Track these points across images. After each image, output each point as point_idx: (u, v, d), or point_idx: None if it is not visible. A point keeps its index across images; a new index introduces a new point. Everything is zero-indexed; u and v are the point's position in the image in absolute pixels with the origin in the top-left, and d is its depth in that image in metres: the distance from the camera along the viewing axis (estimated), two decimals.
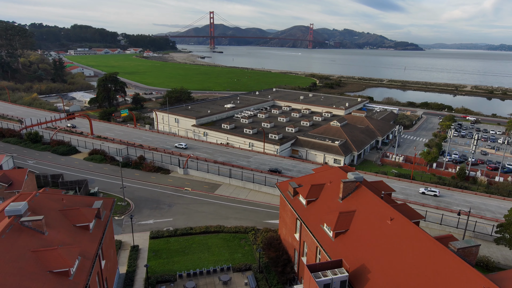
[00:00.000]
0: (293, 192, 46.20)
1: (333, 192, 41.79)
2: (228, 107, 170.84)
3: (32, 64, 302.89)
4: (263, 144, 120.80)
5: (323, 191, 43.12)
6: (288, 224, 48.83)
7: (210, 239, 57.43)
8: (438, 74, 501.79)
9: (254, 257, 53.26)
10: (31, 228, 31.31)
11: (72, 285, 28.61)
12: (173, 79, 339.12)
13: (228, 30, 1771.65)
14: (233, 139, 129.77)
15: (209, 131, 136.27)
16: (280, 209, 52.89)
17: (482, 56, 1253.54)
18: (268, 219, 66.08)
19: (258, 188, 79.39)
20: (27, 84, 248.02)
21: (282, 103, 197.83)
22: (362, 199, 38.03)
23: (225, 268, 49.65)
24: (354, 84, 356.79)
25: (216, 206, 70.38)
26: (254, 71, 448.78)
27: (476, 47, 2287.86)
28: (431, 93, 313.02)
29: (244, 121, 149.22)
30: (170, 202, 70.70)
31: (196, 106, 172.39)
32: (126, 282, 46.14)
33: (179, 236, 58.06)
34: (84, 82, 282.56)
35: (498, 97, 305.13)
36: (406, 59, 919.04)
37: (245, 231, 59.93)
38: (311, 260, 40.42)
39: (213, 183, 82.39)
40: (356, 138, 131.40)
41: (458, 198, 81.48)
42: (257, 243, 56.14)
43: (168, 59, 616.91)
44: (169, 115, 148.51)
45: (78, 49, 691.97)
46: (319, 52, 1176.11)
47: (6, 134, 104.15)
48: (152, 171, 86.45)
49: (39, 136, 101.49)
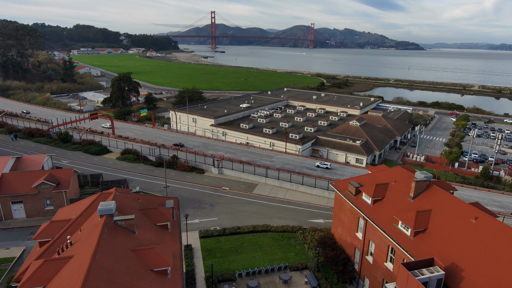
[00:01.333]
0: (355, 191, 46.36)
1: (400, 191, 42.01)
2: (244, 106, 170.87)
3: (41, 64, 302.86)
4: (285, 144, 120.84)
5: (388, 190, 43.32)
6: (347, 223, 48.97)
7: (260, 238, 57.65)
8: (443, 74, 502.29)
9: (307, 256, 53.46)
10: (124, 227, 31.42)
11: (171, 284, 28.79)
12: (180, 78, 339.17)
13: (229, 29, 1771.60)
14: (253, 138, 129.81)
15: (228, 131, 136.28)
16: (334, 208, 53.05)
17: (483, 56, 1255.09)
18: (312, 218, 66.30)
19: (296, 188, 79.58)
20: (38, 84, 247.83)
21: (296, 102, 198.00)
22: (435, 198, 38.22)
23: (282, 267, 49.86)
24: (361, 83, 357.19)
25: (257, 206, 70.60)
26: (259, 70, 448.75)
27: (476, 47, 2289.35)
28: (439, 93, 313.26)
29: (261, 120, 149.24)
30: (211, 202, 70.92)
31: (211, 106, 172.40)
32: (188, 281, 46.29)
33: (228, 235, 58.29)
34: (94, 82, 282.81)
35: (506, 96, 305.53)
36: (408, 58, 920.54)
37: (292, 230, 60.17)
38: (381, 259, 40.61)
39: (249, 182, 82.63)
40: (376, 138, 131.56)
41: (485, 197, 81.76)
42: (307, 242, 56.33)
43: (172, 59, 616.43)
44: (188, 115, 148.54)
45: (81, 49, 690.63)
46: (320, 52, 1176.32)
47: (35, 134, 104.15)
48: (186, 170, 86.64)
49: (70, 135, 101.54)
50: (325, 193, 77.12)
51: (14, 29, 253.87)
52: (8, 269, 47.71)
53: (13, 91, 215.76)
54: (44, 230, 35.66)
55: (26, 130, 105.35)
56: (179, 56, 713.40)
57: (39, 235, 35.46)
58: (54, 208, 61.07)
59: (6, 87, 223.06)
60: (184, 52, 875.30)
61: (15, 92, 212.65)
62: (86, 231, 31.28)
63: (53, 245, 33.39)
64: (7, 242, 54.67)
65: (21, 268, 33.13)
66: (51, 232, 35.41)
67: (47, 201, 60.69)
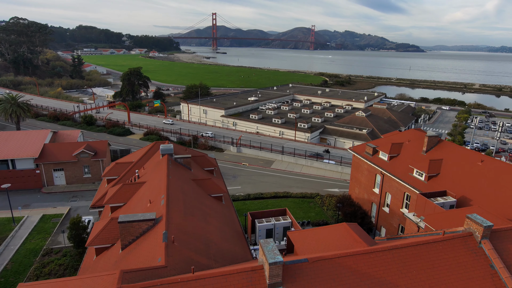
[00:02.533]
0: (372, 151, 51.85)
1: (414, 148, 47.51)
2: (252, 99, 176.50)
3: (49, 61, 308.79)
4: (294, 132, 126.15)
5: (403, 148, 48.78)
6: (364, 182, 54.45)
7: (281, 202, 63.10)
8: (443, 74, 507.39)
9: (326, 215, 58.86)
10: (182, 164, 36.81)
11: (227, 207, 34.28)
12: (185, 77, 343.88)
13: (230, 31, 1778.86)
14: (263, 128, 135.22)
15: (238, 121, 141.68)
16: (352, 171, 58.57)
17: (482, 58, 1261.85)
18: (328, 188, 71.91)
19: (310, 164, 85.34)
20: (48, 79, 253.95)
21: (302, 97, 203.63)
22: (446, 150, 43.73)
23: (305, 223, 55.29)
24: (363, 82, 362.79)
25: (276, 177, 76.21)
26: (262, 70, 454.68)
27: (476, 49, 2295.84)
28: (440, 91, 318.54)
29: (269, 112, 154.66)
30: (234, 174, 76.53)
31: (220, 99, 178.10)
32: None
33: (253, 199, 63.82)
34: (102, 79, 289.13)
35: (506, 94, 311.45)
36: (408, 60, 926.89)
37: (311, 196, 65.72)
38: (397, 207, 46.04)
39: (266, 159, 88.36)
40: (381, 128, 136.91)
41: None
42: (325, 205, 61.75)
43: (174, 59, 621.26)
44: (200, 107, 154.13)
45: (84, 49, 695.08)
46: (321, 53, 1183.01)
47: (60, 118, 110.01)
48: (207, 149, 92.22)
49: (94, 119, 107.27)
50: (338, 168, 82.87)
51: (25, 26, 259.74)
52: (59, 223, 53.09)
53: (25, 86, 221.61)
54: (111, 170, 41.06)
55: (52, 114, 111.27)
56: (181, 56, 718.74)
57: (106, 174, 40.84)
58: (92, 176, 66.49)
59: (18, 82, 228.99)
60: (186, 53, 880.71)
61: (27, 87, 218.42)
62: (151, 166, 36.71)
63: (122, 180, 38.79)
64: (53, 203, 60.09)
65: (94, 198, 38.46)
66: (117, 171, 40.77)
67: (85, 169, 66.08)
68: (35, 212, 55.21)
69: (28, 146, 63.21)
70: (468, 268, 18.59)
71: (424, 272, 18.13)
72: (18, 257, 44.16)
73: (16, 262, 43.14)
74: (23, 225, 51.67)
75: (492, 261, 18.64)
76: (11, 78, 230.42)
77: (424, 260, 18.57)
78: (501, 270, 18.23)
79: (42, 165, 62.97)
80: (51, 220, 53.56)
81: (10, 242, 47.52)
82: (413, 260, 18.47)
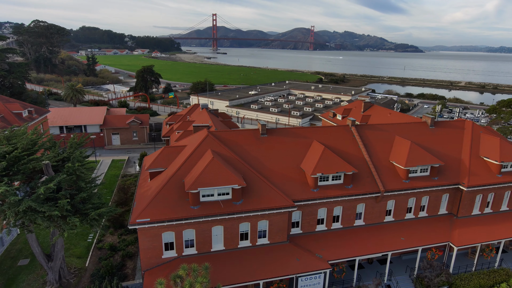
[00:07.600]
0: (332, 114, 78.21)
1: (358, 111, 73.72)
2: (252, 93, 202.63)
3: (64, 60, 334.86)
4: (287, 119, 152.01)
5: (351, 112, 75.12)
6: None
7: None
8: (436, 73, 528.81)
9: None
10: (214, 114, 62.71)
11: None
12: (189, 75, 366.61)
13: (230, 32, 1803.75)
14: (262, 115, 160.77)
15: (241, 110, 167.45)
16: None
17: (480, 58, 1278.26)
18: None
19: None
20: (66, 77, 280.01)
21: (297, 91, 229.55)
22: (374, 110, 69.88)
23: None
24: (357, 80, 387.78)
25: None
26: (262, 69, 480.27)
27: (476, 49, 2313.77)
28: (428, 88, 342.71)
29: (267, 103, 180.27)
30: None
31: (224, 92, 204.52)
32: None
33: None
34: (114, 76, 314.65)
35: (489, 91, 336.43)
36: (405, 60, 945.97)
37: None
38: None
39: None
40: None
41: None
42: None
43: (177, 59, 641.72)
44: (208, 99, 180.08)
45: (88, 49, 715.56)
46: (320, 54, 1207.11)
47: (99, 103, 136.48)
48: None
49: (127, 103, 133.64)
50: None
51: (45, 27, 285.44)
52: (124, 163, 79.45)
53: (47, 82, 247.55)
54: (168, 119, 67.31)
55: (92, 101, 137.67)
56: (183, 57, 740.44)
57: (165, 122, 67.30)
58: (138, 139, 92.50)
59: (41, 79, 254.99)
60: (187, 54, 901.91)
61: (49, 83, 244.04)
62: (195, 115, 62.74)
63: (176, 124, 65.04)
64: (115, 155, 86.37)
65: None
66: (172, 119, 67.03)
67: (134, 133, 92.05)
68: (107, 158, 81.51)
69: (94, 116, 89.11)
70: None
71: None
72: (107, 177, 70.49)
73: (107, 179, 69.50)
74: (101, 164, 77.98)
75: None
76: (34, 76, 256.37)
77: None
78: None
79: (105, 130, 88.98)
80: (118, 162, 79.75)
81: (99, 171, 73.90)
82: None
